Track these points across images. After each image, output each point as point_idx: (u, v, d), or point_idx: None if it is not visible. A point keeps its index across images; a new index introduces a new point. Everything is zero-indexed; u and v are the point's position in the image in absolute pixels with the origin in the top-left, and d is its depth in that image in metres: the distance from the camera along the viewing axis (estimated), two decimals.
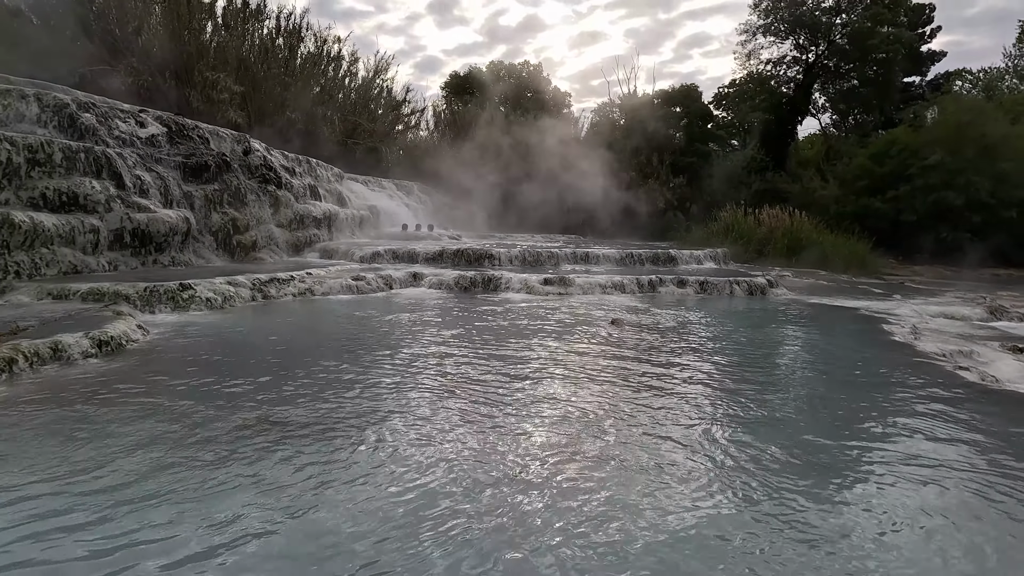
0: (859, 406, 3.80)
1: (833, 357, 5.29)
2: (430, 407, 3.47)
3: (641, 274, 9.75)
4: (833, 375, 4.62)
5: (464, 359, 4.65)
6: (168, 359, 4.29)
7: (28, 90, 7.76)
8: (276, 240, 10.63)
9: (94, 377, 3.72)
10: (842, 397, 4.00)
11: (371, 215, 16.36)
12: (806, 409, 3.78)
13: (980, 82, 32.07)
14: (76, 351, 4.00)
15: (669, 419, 3.39)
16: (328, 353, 4.67)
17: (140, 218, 7.52)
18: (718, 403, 3.73)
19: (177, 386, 3.65)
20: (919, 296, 10.19)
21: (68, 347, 3.97)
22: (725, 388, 4.09)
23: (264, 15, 23.14)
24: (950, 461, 2.93)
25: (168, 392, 3.53)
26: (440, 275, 8.98)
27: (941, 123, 22.41)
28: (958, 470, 2.82)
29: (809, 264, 16.49)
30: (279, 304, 6.99)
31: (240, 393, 3.56)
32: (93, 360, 4.04)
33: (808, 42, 29.55)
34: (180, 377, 3.83)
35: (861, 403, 3.86)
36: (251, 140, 11.14)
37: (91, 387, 3.52)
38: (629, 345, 5.26)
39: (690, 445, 2.99)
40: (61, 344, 3.96)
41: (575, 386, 3.99)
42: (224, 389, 3.62)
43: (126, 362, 4.10)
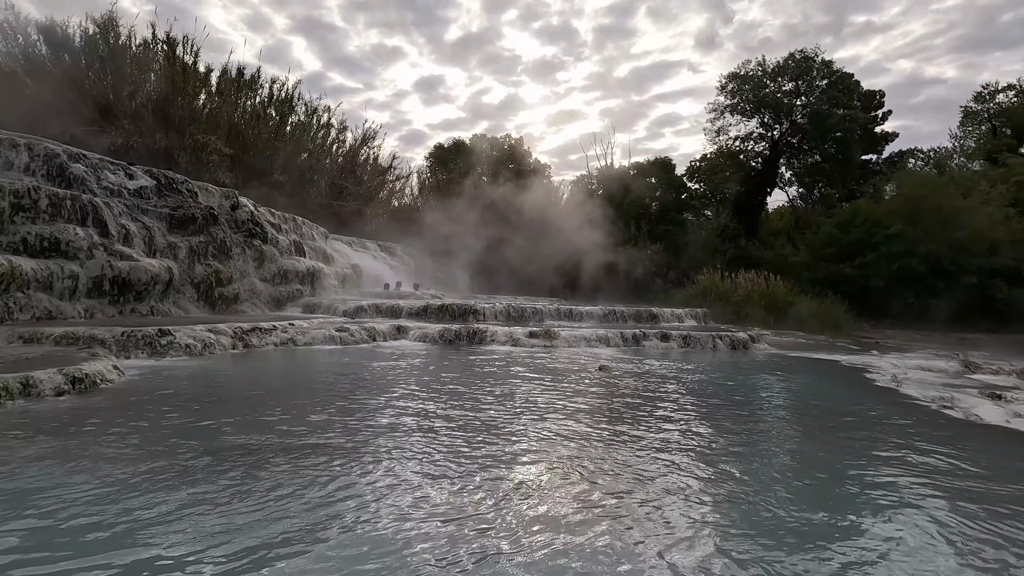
0: (857, 441, 3.80)
1: (824, 400, 5.32)
2: (417, 457, 3.35)
3: (625, 329, 9.82)
4: (826, 416, 4.63)
5: (450, 407, 4.56)
6: (142, 398, 4.11)
7: (19, 139, 7.83)
8: (259, 294, 10.52)
9: (64, 412, 3.54)
10: (840, 435, 4.00)
11: (354, 274, 16.38)
12: (808, 444, 3.75)
13: (931, 160, 34.43)
14: (48, 387, 3.82)
15: (669, 465, 3.32)
16: (305, 400, 4.53)
17: (122, 266, 7.42)
18: (721, 450, 3.62)
19: (149, 422, 3.48)
20: (895, 352, 10.42)
21: (39, 382, 3.79)
22: (725, 432, 4.02)
23: (258, 85, 24.11)
24: (951, 483, 2.91)
25: (138, 428, 3.36)
26: (425, 328, 8.92)
27: (900, 196, 23.81)
28: (961, 490, 2.81)
29: (786, 326, 16.83)
30: (261, 353, 6.83)
31: (212, 430, 3.41)
32: (66, 397, 3.86)
33: (772, 120, 31.65)
34: (153, 414, 3.66)
35: (859, 438, 3.87)
36: (239, 195, 11.26)
37: (60, 422, 3.34)
38: (619, 392, 5.23)
39: (689, 493, 2.91)
40: (32, 379, 3.78)
41: (567, 435, 3.91)
42: (192, 424, 3.48)
43: (100, 399, 3.92)
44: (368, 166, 29.07)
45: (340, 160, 27.69)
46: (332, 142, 27.43)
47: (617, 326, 11.11)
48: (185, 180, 10.00)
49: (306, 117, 26.07)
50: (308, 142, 25.87)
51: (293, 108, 25.40)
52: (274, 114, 24.46)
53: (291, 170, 23.15)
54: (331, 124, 27.13)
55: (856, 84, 31.82)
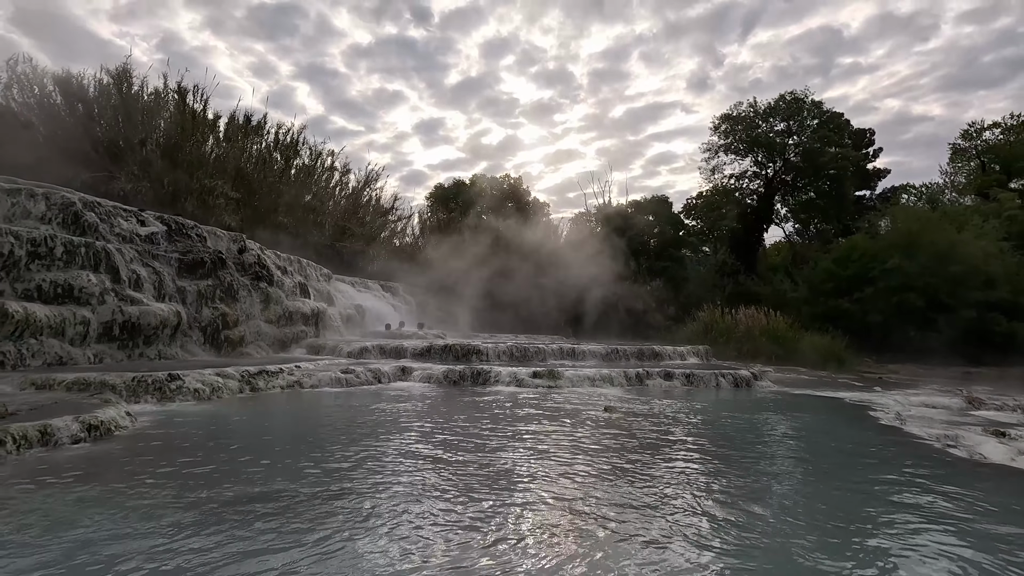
0: (866, 483, 3.83)
1: (830, 440, 5.34)
2: (426, 500, 3.39)
3: (628, 367, 9.86)
4: (833, 456, 4.66)
5: (460, 451, 4.60)
6: (156, 444, 4.16)
7: (37, 189, 8.09)
8: (264, 335, 10.61)
9: (82, 461, 3.59)
10: (848, 477, 4.02)
11: (357, 314, 16.50)
12: (817, 486, 3.79)
13: (924, 195, 35.03)
14: (65, 435, 3.88)
15: (679, 510, 3.36)
16: (315, 445, 4.58)
17: (132, 311, 7.55)
18: (731, 493, 3.60)
19: (165, 470, 3.53)
20: (898, 389, 10.42)
21: (57, 430, 3.85)
22: (734, 474, 4.02)
23: (264, 130, 24.84)
24: (956, 522, 2.95)
25: (158, 474, 3.41)
26: (429, 369, 8.98)
27: (895, 231, 24.14)
28: (970, 532, 2.84)
29: (788, 361, 16.83)
30: (267, 396, 6.87)
31: (228, 478, 3.46)
32: (83, 444, 3.91)
33: (766, 159, 32.39)
34: (168, 462, 3.70)
35: (867, 480, 3.90)
36: (246, 240, 11.50)
37: (79, 470, 3.39)
38: (627, 433, 5.26)
39: (700, 539, 2.95)
40: (50, 427, 3.85)
41: (578, 478, 3.95)
42: (208, 471, 3.52)
43: (115, 446, 3.97)
44: (371, 207, 29.61)
45: (343, 202, 28.23)
46: (335, 184, 28.04)
47: (620, 365, 11.14)
48: (195, 225, 10.24)
49: (310, 160, 26.74)
50: (312, 184, 26.44)
51: (298, 152, 26.08)
52: (279, 158, 25.10)
53: (295, 212, 23.59)
54: (335, 167, 27.80)
55: (846, 123, 32.78)
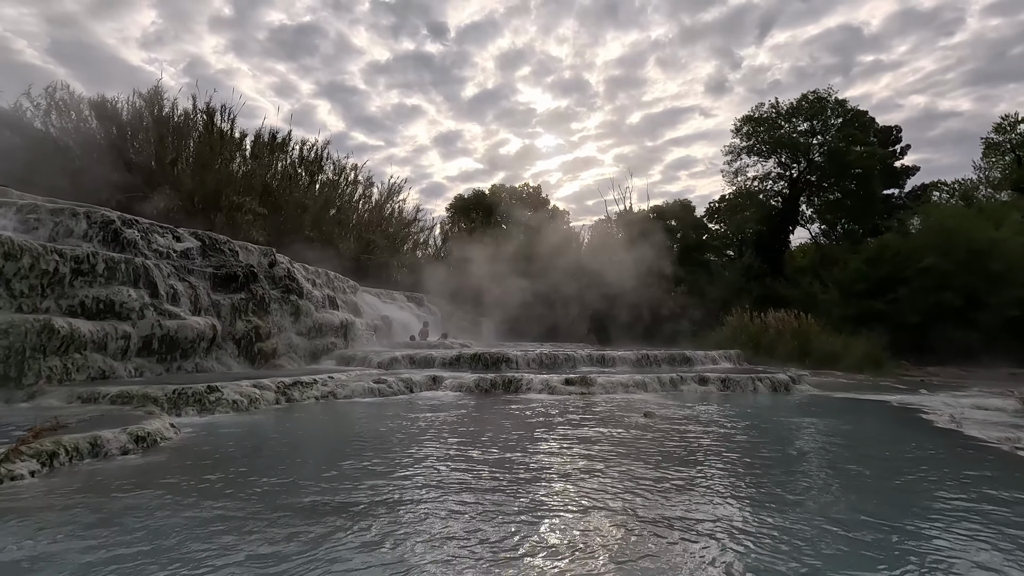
0: (935, 492, 3.62)
1: (886, 445, 5.10)
2: (475, 511, 3.33)
3: (661, 373, 9.69)
4: (893, 462, 4.43)
5: (502, 460, 4.53)
6: (199, 455, 4.19)
7: (79, 209, 8.33)
8: (296, 347, 10.72)
9: (132, 471, 3.62)
10: (915, 485, 3.79)
11: (384, 325, 16.61)
12: (881, 495, 3.58)
13: (956, 192, 34.01)
14: (114, 446, 3.93)
15: (734, 523, 3.23)
16: (356, 455, 4.55)
17: (170, 325, 7.69)
18: (787, 504, 3.41)
19: (209, 479, 3.54)
20: (944, 391, 10.03)
21: (107, 442, 3.90)
22: (790, 484, 3.80)
23: (288, 147, 25.37)
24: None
25: (199, 485, 3.42)
26: (460, 378, 8.94)
27: (929, 229, 23.40)
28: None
29: (822, 365, 16.36)
30: (302, 407, 6.91)
31: (267, 486, 3.45)
32: (131, 455, 3.96)
33: (789, 160, 31.84)
34: (214, 473, 3.72)
35: (934, 488, 3.69)
36: (275, 253, 11.67)
37: (130, 481, 3.42)
38: (670, 440, 5.12)
39: (760, 557, 2.83)
40: (100, 439, 3.90)
41: (619, 486, 3.84)
42: (252, 482, 3.52)
43: (161, 457, 4.00)
44: (394, 219, 29.95)
45: (367, 214, 28.61)
46: (359, 198, 28.45)
47: (652, 370, 10.96)
48: (227, 240, 10.44)
49: (334, 175, 27.21)
50: (336, 198, 26.88)
51: (322, 167, 26.57)
52: (303, 173, 25.59)
53: (321, 226, 23.97)
54: (358, 180, 28.22)
55: (871, 121, 32.07)
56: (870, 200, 30.42)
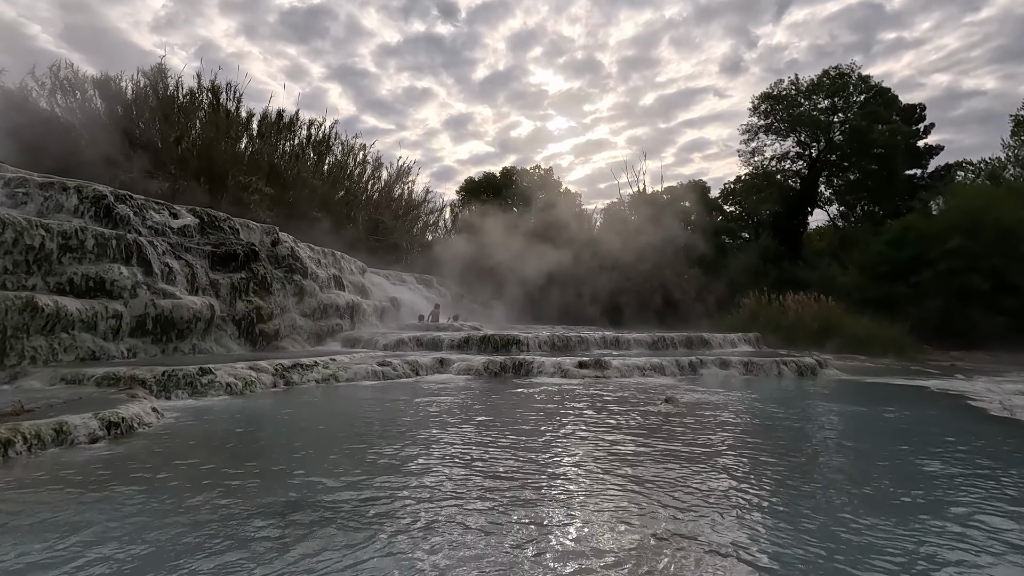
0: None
1: (944, 433, 4.58)
2: (480, 516, 2.92)
3: (678, 356, 9.22)
4: (958, 452, 3.94)
5: (512, 453, 4.12)
6: (181, 443, 3.81)
7: (69, 183, 7.97)
8: (299, 329, 10.38)
9: (98, 463, 3.25)
10: (995, 481, 3.33)
11: (392, 306, 16.25)
12: (963, 493, 3.12)
13: (983, 172, 32.73)
14: (82, 433, 3.56)
15: (785, 534, 2.78)
16: (351, 446, 4.17)
17: (164, 304, 7.34)
18: (855, 508, 2.96)
19: (186, 472, 3.16)
20: (980, 376, 9.46)
21: (73, 428, 3.54)
22: (850, 484, 3.30)
23: (296, 127, 24.90)
24: None
25: (173, 481, 3.03)
26: (468, 360, 8.54)
27: (955, 210, 22.53)
28: None
29: (843, 349, 15.79)
30: (302, 390, 6.55)
31: (251, 480, 3.07)
32: (100, 444, 3.58)
33: (809, 139, 30.80)
34: (189, 465, 3.33)
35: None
36: (279, 231, 11.28)
37: (91, 476, 3.04)
38: (694, 430, 4.67)
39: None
40: (66, 425, 3.53)
41: (654, 493, 3.41)
42: (234, 475, 3.14)
43: (136, 446, 3.63)
44: (403, 200, 29.48)
45: (376, 196, 28.17)
46: (368, 179, 27.98)
47: (668, 353, 10.49)
48: (227, 217, 10.05)
49: (342, 156, 26.72)
50: (345, 179, 26.44)
51: (330, 147, 26.09)
52: (312, 154, 25.14)
53: (329, 207, 23.57)
54: (366, 161, 27.72)
55: (895, 98, 30.79)
56: (892, 180, 29.36)
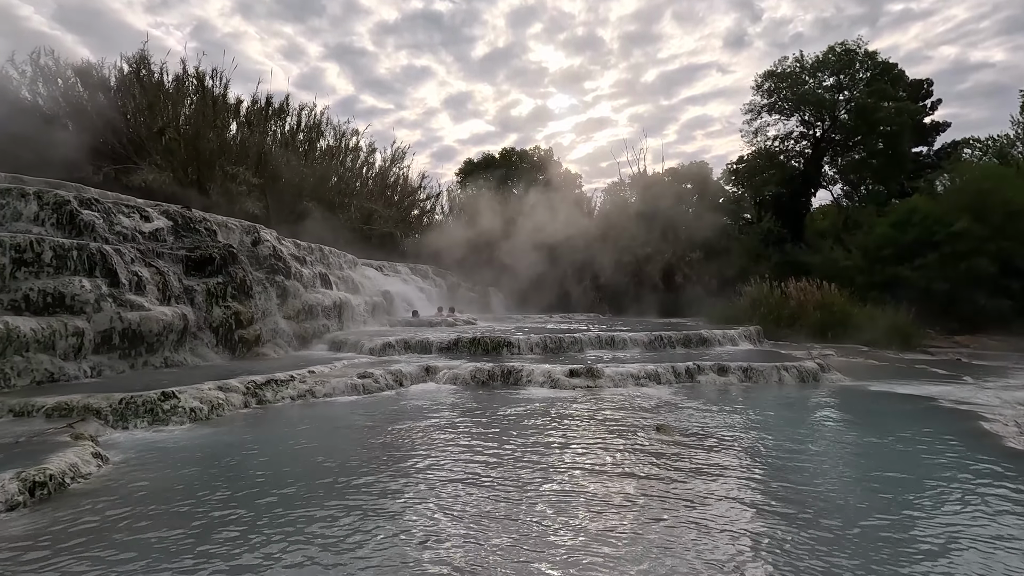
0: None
1: (949, 471, 4.22)
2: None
3: (675, 360, 8.86)
4: (970, 501, 3.58)
5: (487, 493, 3.77)
6: (119, 504, 3.38)
7: (29, 188, 7.53)
8: (282, 333, 10.03)
9: (8, 540, 2.88)
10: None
11: (384, 301, 15.88)
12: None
13: (990, 149, 31.97)
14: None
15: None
16: (320, 487, 3.83)
17: (132, 317, 6.97)
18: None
19: (113, 555, 2.79)
20: (989, 377, 9.08)
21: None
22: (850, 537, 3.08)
23: (286, 113, 24.24)
24: None
25: (99, 567, 2.68)
26: (455, 368, 8.19)
27: (962, 189, 21.98)
28: None
29: (846, 339, 15.45)
30: (275, 410, 6.21)
31: (202, 559, 2.72)
32: (17, 513, 3.19)
33: (813, 118, 30.06)
34: (124, 537, 2.97)
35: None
36: (261, 230, 10.86)
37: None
38: (686, 468, 4.30)
39: None
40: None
41: (620, 544, 3.07)
42: (180, 553, 2.78)
43: (62, 513, 3.23)
44: (398, 186, 28.89)
45: (370, 183, 27.59)
46: (361, 164, 27.36)
47: (665, 354, 10.14)
48: (203, 218, 9.63)
49: (335, 141, 26.08)
50: (337, 166, 25.84)
51: (322, 133, 25.45)
52: (303, 140, 24.52)
53: (321, 196, 23.07)
54: (359, 147, 27.07)
55: (901, 74, 29.88)
56: (899, 159, 28.67)
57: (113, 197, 8.80)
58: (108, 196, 8.57)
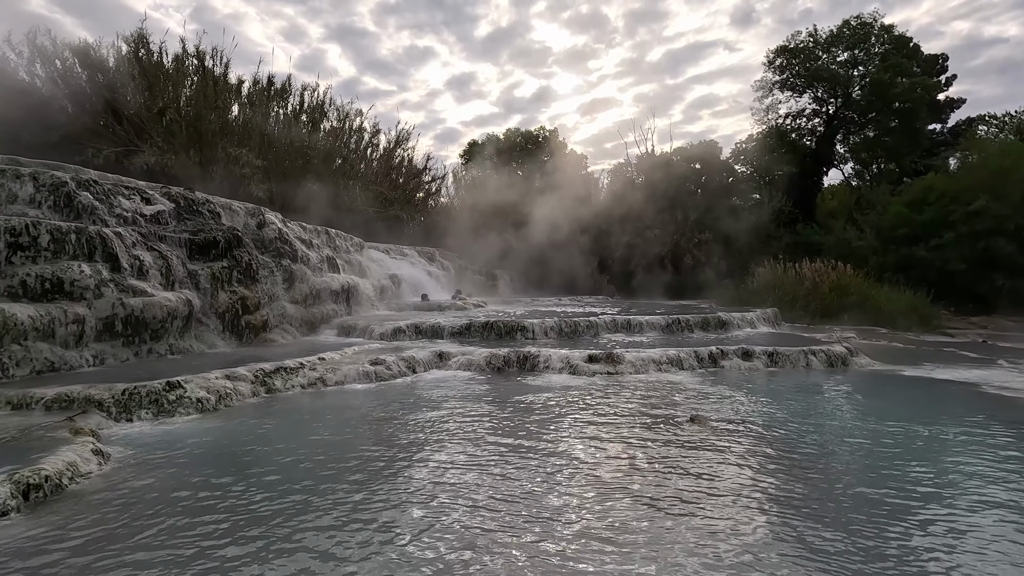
0: None
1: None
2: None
3: (694, 343, 8.55)
4: None
5: (507, 494, 3.50)
6: (121, 506, 3.11)
7: (24, 169, 7.20)
8: (289, 318, 9.76)
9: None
10: None
11: (392, 285, 15.59)
12: None
13: (1007, 126, 31.12)
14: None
15: None
16: (338, 485, 3.57)
17: (134, 303, 6.69)
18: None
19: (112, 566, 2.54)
20: (1021, 357, 8.75)
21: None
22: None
23: (288, 93, 23.71)
24: None
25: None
26: (469, 354, 7.91)
27: (980, 167, 21.40)
28: None
29: (863, 320, 15.12)
30: (285, 399, 5.95)
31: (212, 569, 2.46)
32: (12, 518, 2.92)
33: (826, 95, 29.32)
34: (124, 545, 2.71)
35: None
36: (266, 213, 10.53)
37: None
38: (734, 467, 3.99)
39: None
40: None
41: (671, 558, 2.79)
42: (184, 562, 2.52)
43: (59, 517, 2.95)
44: (403, 168, 28.38)
45: (375, 164, 27.11)
46: (366, 146, 26.84)
47: (684, 337, 9.84)
48: (206, 200, 9.30)
49: (339, 123, 25.56)
50: (342, 148, 25.35)
51: (325, 114, 24.91)
52: (306, 121, 24.02)
53: (325, 178, 22.64)
54: (364, 128, 26.53)
55: (916, 48, 28.98)
56: (914, 137, 27.97)
57: (114, 179, 8.47)
58: (108, 178, 8.24)
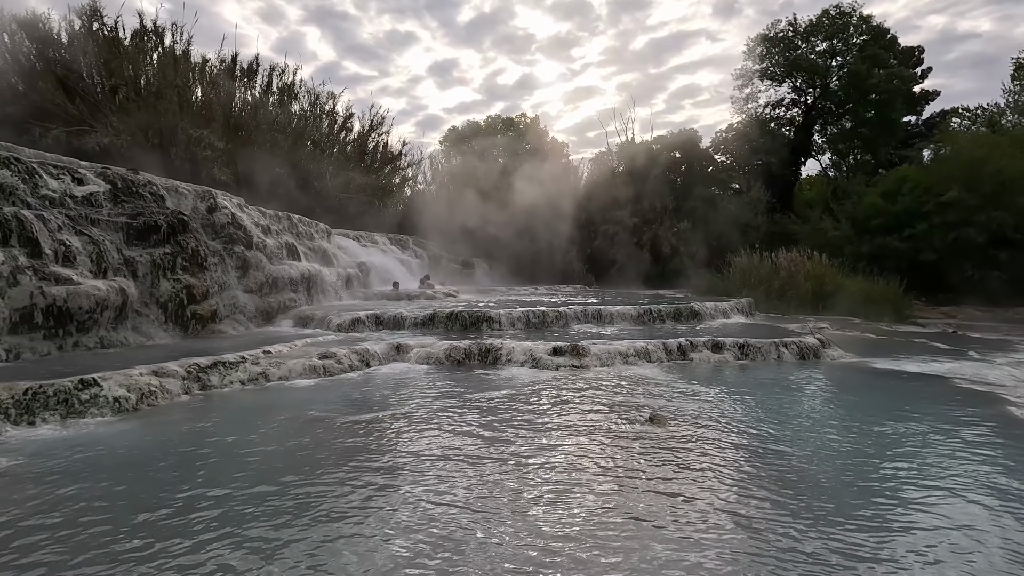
0: None
1: (1003, 475, 3.67)
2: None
3: (666, 335, 8.27)
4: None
5: (444, 499, 3.14)
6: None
7: None
8: (242, 308, 9.23)
9: None
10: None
11: (360, 273, 15.06)
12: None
13: (979, 119, 31.49)
14: None
15: None
16: (255, 495, 3.16)
17: (57, 292, 6.13)
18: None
19: None
20: (993, 352, 8.66)
21: None
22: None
23: (256, 73, 22.75)
24: None
25: None
26: (428, 347, 7.50)
27: (953, 160, 21.60)
28: None
29: (837, 311, 15.10)
30: (221, 398, 5.49)
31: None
32: None
33: (805, 84, 29.32)
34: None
35: None
36: (218, 196, 9.92)
37: None
38: (685, 465, 3.72)
39: None
40: None
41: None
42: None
43: None
44: (377, 154, 27.59)
45: (348, 149, 26.29)
46: (338, 130, 25.99)
47: (656, 327, 9.55)
48: (148, 182, 8.67)
49: (310, 106, 24.66)
50: (312, 131, 24.49)
51: (296, 96, 24.00)
52: (275, 102, 23.09)
53: (294, 162, 21.84)
54: (335, 111, 25.66)
55: (894, 40, 29.06)
56: (890, 128, 28.16)
57: (52, 158, 7.81)
58: (31, 155, 7.57)
